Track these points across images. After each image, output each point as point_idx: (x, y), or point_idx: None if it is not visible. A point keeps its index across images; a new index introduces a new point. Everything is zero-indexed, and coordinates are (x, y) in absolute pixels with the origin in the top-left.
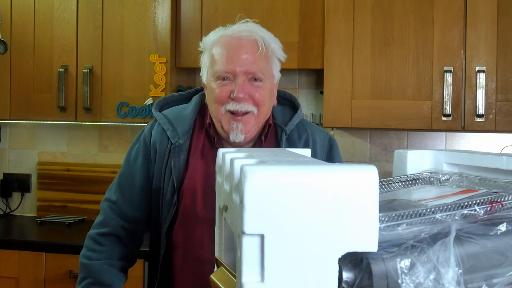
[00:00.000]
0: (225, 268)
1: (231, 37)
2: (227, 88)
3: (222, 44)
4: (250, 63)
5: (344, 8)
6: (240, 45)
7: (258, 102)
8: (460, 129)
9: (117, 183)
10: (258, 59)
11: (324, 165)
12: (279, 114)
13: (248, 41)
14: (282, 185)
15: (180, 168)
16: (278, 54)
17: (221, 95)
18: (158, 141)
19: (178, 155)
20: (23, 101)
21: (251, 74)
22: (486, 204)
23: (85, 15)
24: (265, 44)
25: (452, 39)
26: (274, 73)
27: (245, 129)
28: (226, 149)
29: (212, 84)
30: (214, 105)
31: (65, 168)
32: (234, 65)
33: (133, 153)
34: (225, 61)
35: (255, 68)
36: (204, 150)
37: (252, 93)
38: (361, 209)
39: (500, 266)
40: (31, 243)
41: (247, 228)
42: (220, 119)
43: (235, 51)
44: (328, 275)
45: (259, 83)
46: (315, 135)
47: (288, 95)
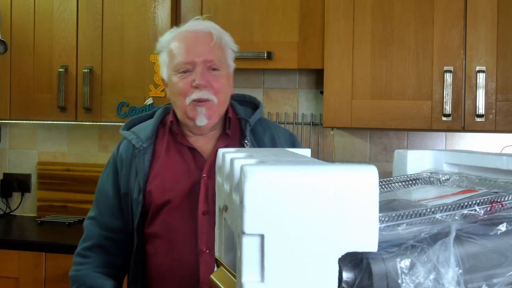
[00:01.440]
0: (225, 268)
1: (187, 31)
2: (188, 79)
3: (178, 39)
4: (207, 52)
5: (344, 8)
6: (196, 37)
7: (217, 90)
8: (460, 129)
9: (94, 201)
10: (213, 48)
11: (324, 165)
12: (241, 111)
13: (203, 33)
14: (282, 185)
15: (145, 167)
16: (231, 45)
17: (184, 86)
18: (123, 151)
19: (143, 156)
20: (23, 101)
21: (209, 63)
22: (486, 204)
23: (85, 15)
24: (219, 35)
25: (452, 39)
26: (229, 62)
27: (208, 113)
28: (226, 149)
29: (174, 78)
30: (178, 98)
31: (65, 168)
32: (192, 56)
33: (104, 172)
34: (184, 53)
35: (212, 56)
36: (169, 147)
37: (211, 81)
38: (361, 209)
39: (500, 266)
40: (31, 243)
41: (247, 228)
42: (185, 109)
43: (192, 42)
44: (328, 275)
45: (217, 71)
46: (278, 131)
47: (248, 97)
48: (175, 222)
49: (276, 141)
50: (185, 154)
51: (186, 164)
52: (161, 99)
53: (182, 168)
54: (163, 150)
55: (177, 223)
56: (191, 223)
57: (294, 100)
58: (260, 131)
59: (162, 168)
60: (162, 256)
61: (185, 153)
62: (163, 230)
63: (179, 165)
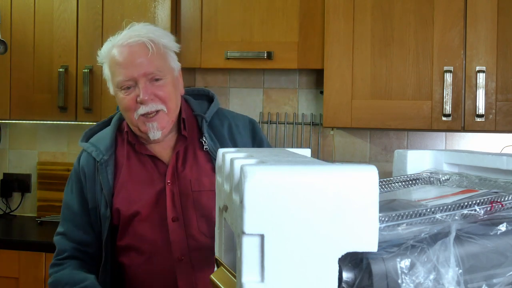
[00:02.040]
0: (225, 268)
1: (121, 46)
2: (133, 95)
3: (116, 54)
4: (145, 65)
5: (344, 8)
6: (132, 52)
7: (164, 99)
8: (460, 129)
9: (61, 217)
10: (151, 59)
11: (324, 165)
12: (197, 106)
13: (137, 46)
14: (282, 185)
15: (109, 182)
16: (171, 47)
17: (129, 103)
18: (85, 164)
19: (105, 170)
20: (23, 101)
21: (150, 75)
22: (486, 204)
23: (85, 15)
24: (154, 44)
25: (452, 39)
26: (172, 65)
27: (160, 126)
28: (226, 149)
29: (119, 94)
30: (126, 113)
31: (65, 168)
32: (131, 72)
33: (67, 186)
34: (122, 71)
35: (151, 68)
36: (130, 157)
37: (156, 92)
38: (361, 209)
39: (500, 266)
40: (31, 243)
41: (247, 228)
42: (136, 124)
43: (128, 58)
44: (328, 275)
45: (160, 81)
46: (236, 120)
47: (202, 90)
48: (146, 232)
49: (234, 130)
50: (146, 163)
51: (148, 172)
52: None
53: (145, 177)
54: (124, 159)
55: (148, 233)
56: (162, 232)
57: (294, 100)
58: (217, 124)
59: (125, 180)
60: (137, 268)
61: (145, 161)
62: (136, 242)
63: (142, 175)
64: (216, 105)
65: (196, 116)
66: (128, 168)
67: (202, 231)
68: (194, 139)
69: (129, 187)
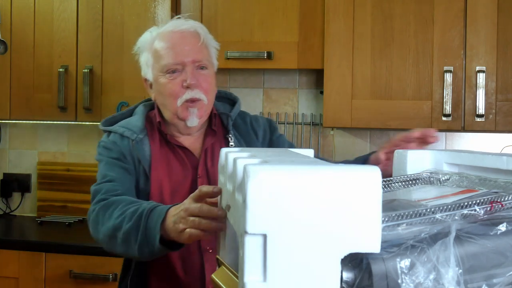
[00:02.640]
0: (227, 268)
1: (173, 32)
2: (178, 80)
3: (164, 39)
4: (195, 52)
5: (344, 8)
6: (183, 37)
7: (206, 89)
8: (460, 129)
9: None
10: (201, 48)
11: (327, 165)
12: (220, 107)
13: (189, 33)
14: (285, 185)
15: (147, 158)
16: (214, 44)
17: (175, 87)
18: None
19: (142, 147)
20: (23, 101)
21: (197, 62)
22: (486, 204)
23: (85, 15)
24: (204, 34)
25: (452, 39)
26: (214, 61)
27: (199, 114)
28: (229, 148)
29: (162, 79)
30: (169, 99)
31: (65, 168)
32: (181, 56)
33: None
34: (172, 54)
35: (200, 56)
36: (161, 145)
37: (201, 81)
38: (364, 210)
39: (500, 266)
40: (31, 243)
41: (250, 227)
42: (176, 111)
43: (179, 43)
44: (330, 275)
45: (205, 70)
46: (256, 117)
47: (224, 93)
48: None
49: (255, 124)
50: (177, 154)
51: (180, 163)
52: None
53: (179, 168)
54: (157, 147)
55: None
56: None
57: (294, 100)
58: (240, 122)
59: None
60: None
61: (177, 152)
62: None
63: (175, 164)
64: (239, 106)
65: (220, 115)
66: (160, 156)
67: None
68: (220, 136)
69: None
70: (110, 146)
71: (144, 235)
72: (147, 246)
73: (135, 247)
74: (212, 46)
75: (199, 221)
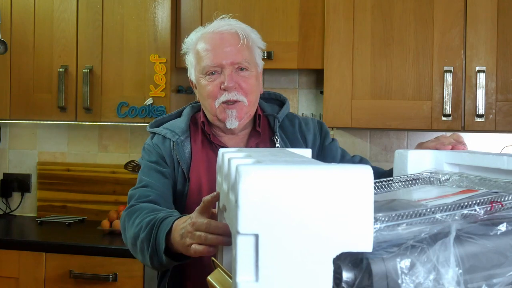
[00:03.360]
0: (222, 269)
1: (213, 33)
2: (217, 82)
3: (205, 40)
4: (234, 54)
5: (344, 8)
6: (223, 38)
7: (246, 90)
8: (460, 129)
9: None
10: (241, 49)
11: (319, 165)
12: (268, 108)
13: (229, 34)
14: (276, 185)
15: (186, 159)
16: (258, 43)
17: (213, 89)
18: (160, 144)
19: (182, 149)
20: (23, 101)
21: (237, 64)
22: (486, 204)
23: (85, 15)
24: (246, 35)
25: (452, 39)
26: (257, 61)
27: (239, 116)
28: (226, 149)
29: (202, 81)
30: (207, 100)
31: (65, 168)
32: (220, 58)
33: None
34: (211, 56)
35: (239, 58)
36: (203, 145)
37: (240, 82)
38: (356, 209)
39: (500, 266)
40: (31, 243)
41: (242, 227)
42: (215, 112)
43: (219, 45)
44: (322, 274)
45: (245, 72)
46: (306, 119)
47: (273, 94)
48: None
49: (304, 128)
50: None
51: None
52: (161, 99)
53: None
54: (198, 148)
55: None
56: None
57: (294, 100)
58: (288, 125)
59: (199, 168)
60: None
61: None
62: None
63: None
64: (287, 107)
65: (267, 116)
66: (201, 156)
67: None
68: (266, 137)
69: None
70: (151, 149)
71: (154, 245)
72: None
73: (147, 256)
74: (256, 46)
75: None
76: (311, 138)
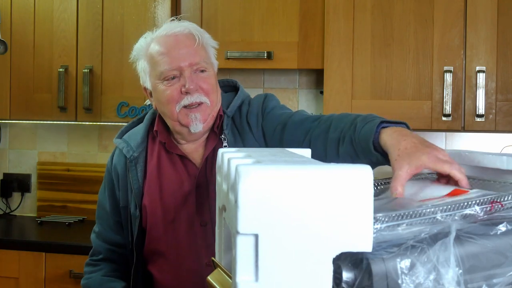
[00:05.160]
0: (222, 269)
1: (166, 36)
2: (176, 86)
3: (159, 44)
4: (191, 55)
5: (344, 8)
6: (178, 40)
7: (207, 91)
8: (460, 129)
9: (96, 216)
10: (197, 49)
11: (319, 165)
12: (224, 101)
13: (183, 35)
14: (276, 185)
15: (138, 180)
16: (212, 43)
17: (172, 93)
18: (117, 163)
19: (135, 168)
20: (23, 101)
21: (195, 66)
22: (486, 204)
23: (85, 15)
24: (200, 35)
25: (452, 39)
26: (213, 61)
27: (203, 118)
28: (225, 149)
29: (160, 86)
30: (167, 106)
31: (65, 168)
32: (178, 61)
33: (102, 185)
34: (168, 60)
35: (197, 58)
36: (160, 157)
37: (201, 84)
38: (355, 209)
39: (500, 266)
40: (31, 243)
41: (241, 227)
42: (176, 117)
43: (174, 47)
44: (322, 274)
45: (205, 73)
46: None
47: (229, 81)
48: (174, 238)
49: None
50: (176, 163)
51: (178, 173)
52: None
53: (175, 179)
54: (155, 158)
55: (177, 238)
56: (190, 237)
57: (294, 100)
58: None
59: (154, 182)
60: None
61: (176, 161)
62: (164, 248)
63: (171, 177)
64: (239, 97)
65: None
66: (157, 167)
67: None
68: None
69: (157, 190)
70: (107, 171)
71: None
72: None
73: None
74: (210, 46)
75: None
76: (254, 121)
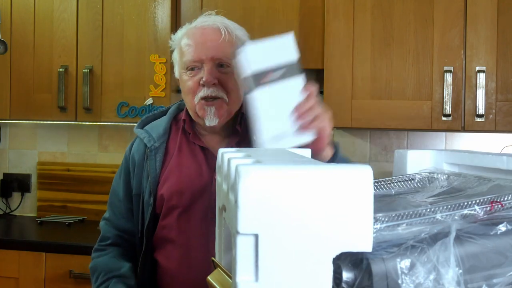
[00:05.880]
0: (222, 269)
1: (195, 28)
2: (197, 77)
3: (187, 36)
4: (214, 49)
5: (344, 8)
6: (204, 33)
7: (227, 87)
8: (460, 129)
9: (108, 203)
10: (222, 45)
11: (319, 165)
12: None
13: (210, 29)
14: (276, 185)
15: (156, 169)
16: (244, 40)
17: (192, 85)
18: (136, 151)
19: (154, 157)
20: (23, 101)
21: (217, 60)
22: (486, 204)
23: (85, 15)
24: (228, 31)
25: (452, 39)
26: None
27: (218, 113)
28: (225, 149)
29: (184, 76)
30: (188, 96)
31: (65, 168)
32: (200, 53)
33: (117, 172)
34: (191, 51)
35: (220, 53)
36: (181, 147)
37: (221, 78)
38: (355, 209)
39: (500, 266)
40: (31, 243)
41: (241, 227)
42: (195, 108)
43: (199, 40)
44: (322, 275)
45: (227, 68)
46: None
47: None
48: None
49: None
50: (197, 154)
51: (198, 165)
52: (161, 99)
53: (194, 169)
54: (176, 149)
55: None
56: (203, 227)
57: None
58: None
59: (173, 170)
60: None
61: (197, 153)
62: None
63: (191, 166)
64: None
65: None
66: (177, 158)
67: None
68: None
69: (176, 178)
70: (125, 159)
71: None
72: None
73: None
74: (241, 43)
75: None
76: None
